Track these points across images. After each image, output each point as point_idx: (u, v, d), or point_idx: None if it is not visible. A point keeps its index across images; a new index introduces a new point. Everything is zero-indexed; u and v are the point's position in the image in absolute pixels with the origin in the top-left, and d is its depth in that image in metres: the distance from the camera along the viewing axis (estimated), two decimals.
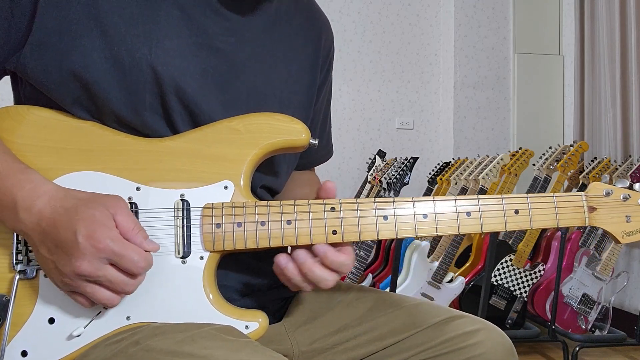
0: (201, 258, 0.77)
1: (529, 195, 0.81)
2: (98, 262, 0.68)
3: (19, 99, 0.85)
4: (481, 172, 2.60)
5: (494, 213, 0.80)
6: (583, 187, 2.71)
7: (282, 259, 0.77)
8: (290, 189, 1.00)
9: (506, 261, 2.65)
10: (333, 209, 0.78)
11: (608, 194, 0.83)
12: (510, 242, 2.68)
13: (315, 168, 1.13)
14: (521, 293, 2.64)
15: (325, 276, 0.77)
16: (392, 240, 2.76)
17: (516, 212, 0.81)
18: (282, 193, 0.98)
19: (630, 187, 0.84)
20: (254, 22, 0.87)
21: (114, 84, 0.77)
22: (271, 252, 0.87)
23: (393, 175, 2.65)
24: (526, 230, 2.66)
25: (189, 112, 0.80)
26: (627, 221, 0.83)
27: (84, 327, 0.73)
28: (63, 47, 0.75)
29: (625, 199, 0.83)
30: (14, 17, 0.76)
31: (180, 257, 0.76)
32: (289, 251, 0.79)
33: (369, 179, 3.31)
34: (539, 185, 2.65)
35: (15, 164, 0.73)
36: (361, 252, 2.51)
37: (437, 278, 2.58)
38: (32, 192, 0.71)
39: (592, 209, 0.82)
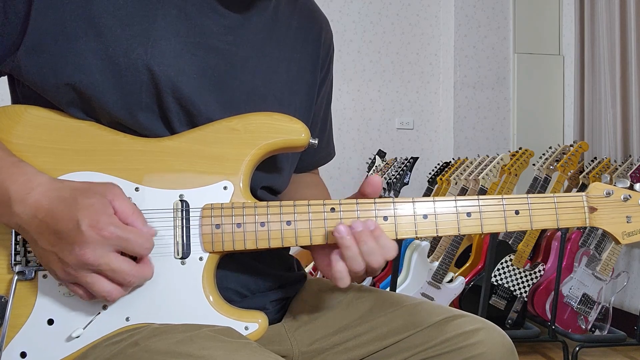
0: (200, 259, 0.76)
1: (529, 195, 0.81)
2: (102, 249, 0.68)
3: (16, 99, 0.84)
4: (481, 172, 2.59)
5: (495, 214, 0.80)
6: (583, 187, 2.71)
7: (342, 227, 0.75)
8: (293, 190, 0.99)
9: (506, 261, 2.65)
10: (333, 209, 0.78)
11: (609, 194, 0.82)
12: (510, 242, 2.68)
13: None
14: (521, 293, 2.64)
15: (376, 250, 0.75)
16: None
17: (516, 212, 0.80)
18: (285, 195, 0.97)
19: (631, 187, 0.83)
20: (252, 21, 0.87)
21: (110, 85, 0.76)
22: (271, 253, 0.86)
23: (393, 175, 2.66)
24: (526, 230, 2.66)
25: (186, 112, 0.80)
26: (627, 222, 0.82)
27: (83, 328, 0.73)
28: (58, 49, 0.75)
29: (626, 199, 0.82)
30: (8, 19, 0.75)
31: (180, 258, 0.76)
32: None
33: None
34: (539, 186, 2.65)
35: (8, 158, 0.73)
36: None
37: (437, 278, 2.58)
38: (26, 184, 0.70)
39: (592, 210, 0.82)
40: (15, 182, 0.70)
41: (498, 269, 2.64)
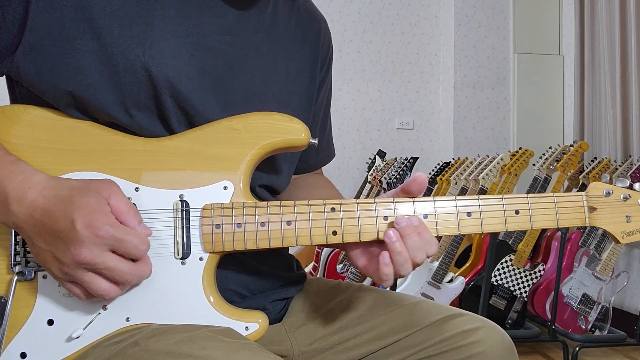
0: (201, 259, 0.76)
1: (529, 195, 0.81)
2: (98, 249, 0.68)
3: (15, 99, 0.84)
4: (481, 172, 2.59)
5: (495, 213, 0.80)
6: (583, 187, 2.71)
7: (391, 233, 0.75)
8: (307, 192, 0.99)
9: (506, 261, 2.65)
10: (333, 209, 0.78)
11: (608, 194, 0.82)
12: (510, 242, 2.68)
13: None
14: (521, 293, 2.64)
15: (421, 245, 0.75)
16: None
17: (516, 212, 0.80)
18: (286, 195, 0.97)
19: (631, 187, 0.83)
20: (251, 21, 0.87)
21: (108, 86, 0.76)
22: (271, 253, 0.87)
23: (393, 175, 2.66)
24: (526, 230, 2.66)
25: (184, 112, 0.80)
26: (627, 221, 0.82)
27: (83, 329, 0.73)
28: (56, 50, 0.75)
29: (626, 199, 0.82)
30: (5, 19, 0.75)
31: (180, 258, 0.76)
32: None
33: (369, 179, 3.31)
34: (539, 186, 2.65)
35: (5, 156, 0.73)
36: None
37: (437, 278, 2.58)
38: (23, 183, 0.70)
39: (592, 209, 0.82)
40: (12, 180, 0.70)
41: (498, 269, 2.64)
